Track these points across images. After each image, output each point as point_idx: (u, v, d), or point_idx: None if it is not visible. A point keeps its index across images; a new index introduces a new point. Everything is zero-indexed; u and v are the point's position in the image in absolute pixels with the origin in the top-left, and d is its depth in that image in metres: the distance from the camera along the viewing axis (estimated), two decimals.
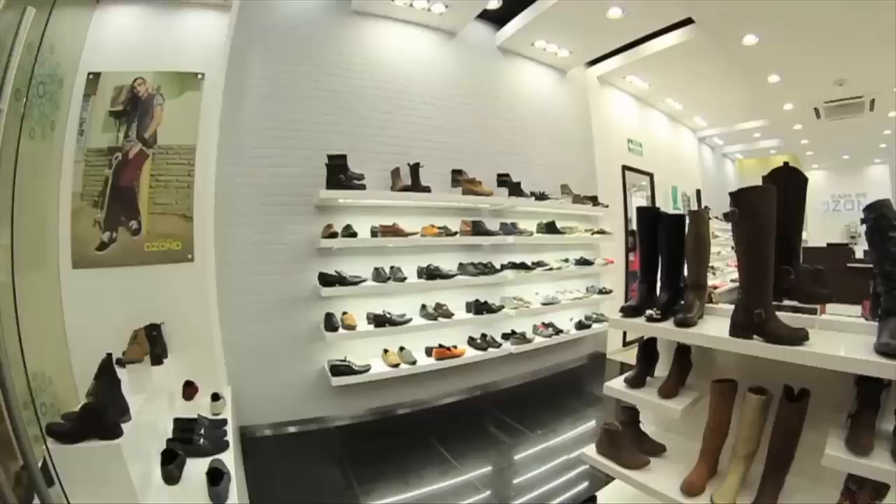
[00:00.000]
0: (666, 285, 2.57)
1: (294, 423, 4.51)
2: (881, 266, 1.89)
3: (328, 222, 4.57)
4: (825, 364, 1.77)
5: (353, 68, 5.07)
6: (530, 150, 6.64)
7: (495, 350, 5.38)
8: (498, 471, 3.96)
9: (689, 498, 2.08)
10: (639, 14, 5.61)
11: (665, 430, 2.71)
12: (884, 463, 1.66)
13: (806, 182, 2.35)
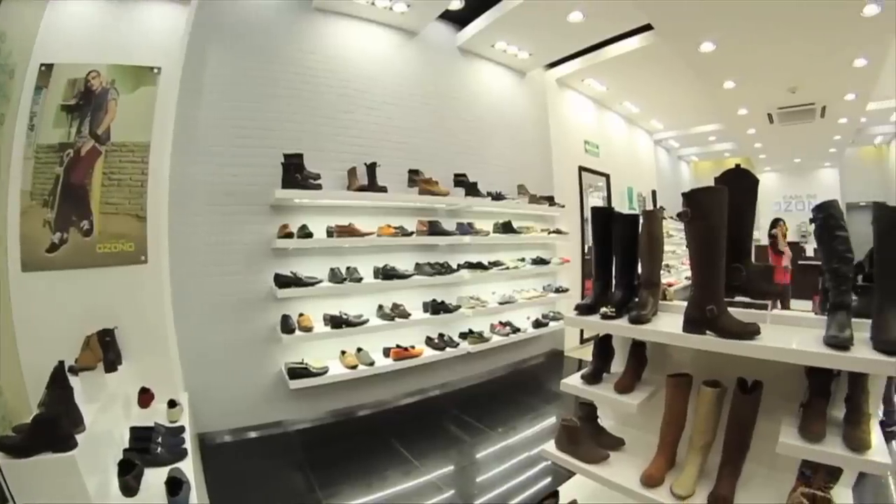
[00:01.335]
0: (620, 283, 2.65)
1: (253, 429, 4.50)
2: (829, 263, 2.02)
3: (284, 222, 4.58)
4: (776, 357, 1.89)
5: (312, 66, 5.09)
6: (488, 150, 6.79)
7: (453, 350, 5.49)
8: (460, 470, 4.06)
9: (649, 490, 2.14)
10: (599, 19, 5.82)
11: (623, 424, 2.78)
12: (836, 448, 1.79)
13: (756, 183, 2.47)
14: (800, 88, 7.93)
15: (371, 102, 5.49)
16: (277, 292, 4.41)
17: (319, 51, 5.15)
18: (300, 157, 4.54)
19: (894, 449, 3.75)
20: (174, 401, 3.59)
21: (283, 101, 4.85)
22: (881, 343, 1.75)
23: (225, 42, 4.57)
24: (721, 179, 2.41)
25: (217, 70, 4.51)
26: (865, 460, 1.73)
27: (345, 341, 4.84)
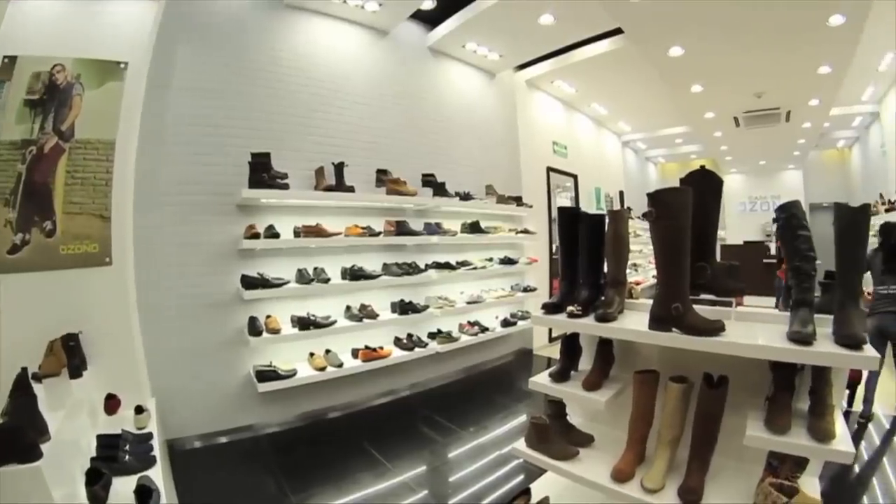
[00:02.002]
0: (587, 282, 2.70)
1: (223, 434, 4.47)
2: (792, 261, 2.12)
3: (250, 222, 4.56)
4: (740, 352, 1.99)
5: (282, 63, 5.09)
6: (457, 150, 6.88)
7: (422, 350, 5.58)
8: (433, 470, 4.10)
9: (620, 484, 2.20)
10: (570, 22, 5.98)
11: (592, 420, 2.85)
12: (801, 439, 1.88)
13: (721, 184, 2.56)
14: (765, 93, 8.29)
15: (340, 101, 5.51)
16: (244, 294, 4.40)
17: (290, 49, 5.16)
18: (267, 157, 4.54)
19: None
20: (141, 407, 3.52)
21: (251, 99, 4.83)
22: (843, 337, 1.86)
23: (194, 38, 4.54)
24: (686, 180, 2.49)
25: (185, 66, 4.47)
26: (830, 450, 1.83)
27: (313, 343, 4.86)
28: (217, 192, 4.53)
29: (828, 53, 6.49)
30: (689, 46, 6.24)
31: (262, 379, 4.39)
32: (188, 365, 4.36)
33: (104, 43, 3.88)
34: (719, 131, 10.97)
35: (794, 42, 6.12)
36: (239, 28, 4.82)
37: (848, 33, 5.79)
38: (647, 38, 6.09)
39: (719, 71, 7.18)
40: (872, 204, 8.77)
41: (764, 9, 5.27)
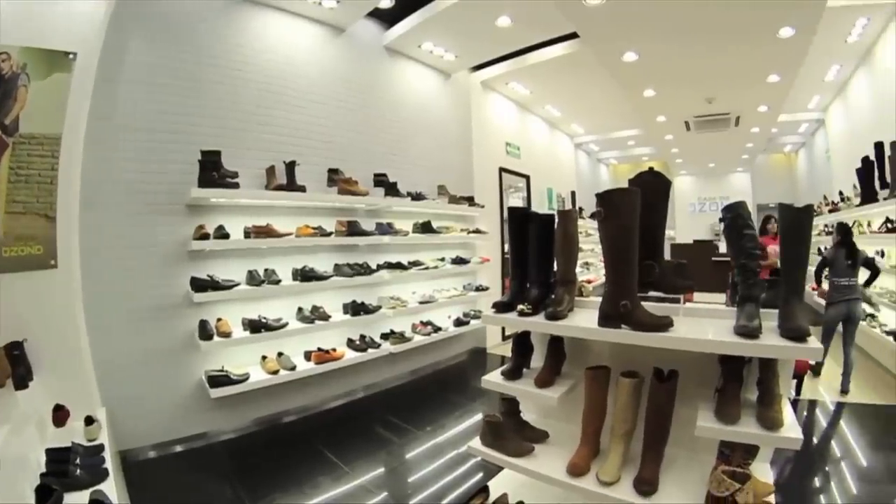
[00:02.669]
0: (537, 281, 2.74)
1: (178, 442, 4.43)
2: (738, 259, 2.24)
3: (200, 223, 4.53)
4: (688, 347, 2.06)
5: (236, 58, 5.07)
6: (410, 150, 6.99)
7: (375, 350, 5.66)
8: (391, 471, 4.18)
9: (576, 478, 2.25)
10: (527, 25, 6.17)
11: (546, 417, 2.90)
12: (751, 428, 1.98)
13: (669, 185, 2.64)
14: (716, 99, 8.73)
15: (294, 99, 5.51)
16: (194, 296, 4.37)
17: (244, 43, 5.13)
18: (218, 155, 4.52)
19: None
20: (91, 417, 3.43)
21: (203, 95, 4.79)
22: (787, 331, 1.97)
23: (147, 29, 4.44)
24: (635, 181, 2.57)
25: (136, 59, 4.37)
26: (779, 437, 1.94)
27: (265, 346, 4.87)
28: (166, 191, 4.46)
29: (777, 63, 6.94)
30: (643, 52, 6.51)
31: (214, 384, 4.37)
32: (139, 372, 4.29)
33: (52, 32, 3.66)
34: (671, 134, 11.45)
35: (745, 51, 6.49)
36: (193, 20, 4.76)
37: (797, 45, 6.20)
38: (603, 42, 6.31)
39: (672, 76, 7.53)
40: (816, 205, 9.51)
41: (717, 19, 5.58)
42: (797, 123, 12.37)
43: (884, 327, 6.51)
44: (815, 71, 8.41)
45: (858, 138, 8.38)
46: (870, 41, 7.38)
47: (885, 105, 7.19)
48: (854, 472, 3.96)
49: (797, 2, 5.14)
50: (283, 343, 4.98)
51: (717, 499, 1.91)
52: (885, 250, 6.94)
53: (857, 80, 8.74)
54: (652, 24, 5.70)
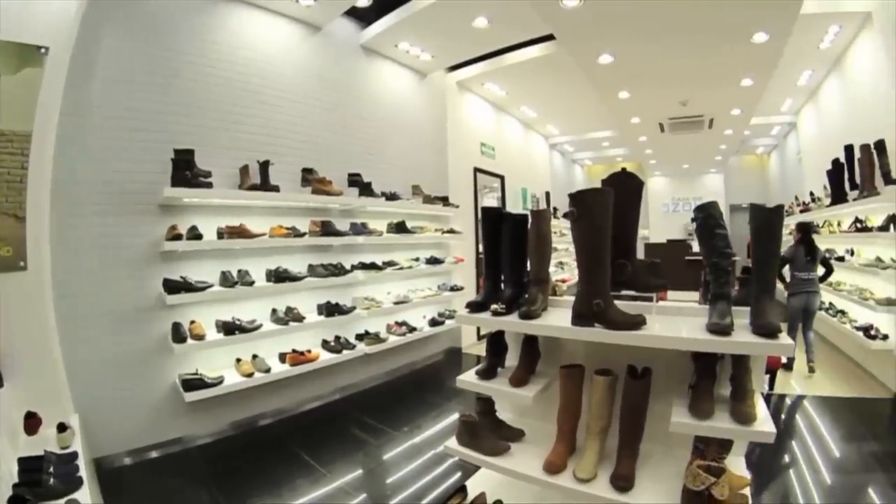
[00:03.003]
0: (510, 281, 2.78)
1: (153, 448, 4.40)
2: (710, 258, 2.30)
3: (173, 223, 4.48)
4: (661, 344, 2.11)
5: (211, 56, 5.03)
6: (384, 150, 7.04)
7: (350, 352, 5.70)
8: (369, 473, 4.21)
9: (552, 476, 2.28)
10: (504, 26, 6.27)
11: (521, 415, 2.93)
12: (724, 423, 2.04)
13: (641, 186, 2.70)
14: (690, 102, 8.93)
15: (269, 97, 5.50)
16: (167, 299, 4.33)
17: (219, 40, 5.11)
18: (191, 154, 4.49)
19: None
20: (64, 424, 3.37)
21: (177, 92, 4.75)
22: (759, 327, 2.04)
23: (122, 24, 4.37)
24: (607, 181, 2.61)
25: (111, 54, 4.29)
26: (752, 431, 2.01)
27: (239, 348, 4.87)
28: (139, 190, 4.41)
29: (751, 68, 7.13)
30: (618, 54, 6.62)
31: (188, 388, 4.34)
32: (112, 376, 4.24)
33: (23, 25, 3.52)
34: (645, 136, 11.66)
35: (719, 55, 6.65)
36: (169, 16, 4.71)
37: (770, 50, 6.38)
38: (579, 44, 6.40)
39: (647, 79, 7.67)
40: (788, 206, 10.14)
41: (692, 23, 5.72)
42: (770, 126, 12.72)
43: (853, 323, 6.82)
44: (787, 75, 8.67)
45: (829, 141, 8.64)
46: (841, 48, 7.63)
47: (856, 110, 7.51)
48: (828, 463, 4.18)
49: (771, 8, 5.30)
50: (257, 345, 4.98)
51: (693, 493, 1.97)
52: (854, 249, 7.34)
53: (828, 85, 9.01)
54: (628, 27, 5.82)
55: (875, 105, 6.60)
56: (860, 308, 6.65)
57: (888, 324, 6.05)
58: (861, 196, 6.52)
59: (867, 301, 6.33)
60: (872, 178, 6.33)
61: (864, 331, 6.30)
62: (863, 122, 7.02)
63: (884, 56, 6.13)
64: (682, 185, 17.91)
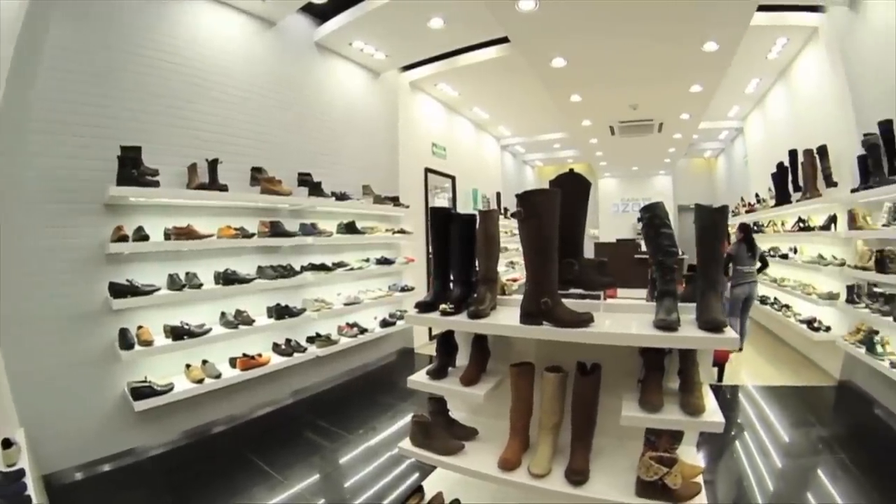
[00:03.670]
0: (459, 280, 2.84)
1: (105, 461, 4.29)
2: (656, 256, 2.40)
3: (118, 224, 4.37)
4: (607, 341, 2.22)
5: (161, 48, 4.93)
6: (335, 149, 7.08)
7: (301, 354, 5.73)
8: (326, 477, 4.24)
9: (508, 473, 2.34)
10: (459, 27, 6.41)
11: (474, 414, 3.00)
12: (674, 415, 2.16)
13: (588, 187, 2.79)
14: (640, 106, 9.26)
15: (219, 94, 5.45)
16: (113, 303, 4.22)
17: (171, 33, 5.02)
18: (138, 151, 4.38)
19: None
20: (9, 440, 3.29)
21: (125, 86, 4.61)
22: (705, 322, 2.16)
23: (71, 13, 4.22)
24: (555, 182, 2.72)
25: (58, 45, 4.14)
26: (702, 422, 2.13)
27: (188, 354, 4.81)
28: (83, 189, 4.25)
29: (701, 75, 7.48)
30: (571, 58, 6.82)
31: (137, 396, 4.27)
32: (58, 387, 4.09)
33: None
34: (595, 138, 11.97)
35: (670, 62, 6.95)
36: (119, 6, 4.57)
37: (720, 59, 6.72)
38: (533, 47, 6.56)
39: (598, 83, 7.92)
40: (734, 206, 11.07)
41: (645, 31, 5.94)
42: (718, 131, 13.36)
43: (798, 316, 7.48)
44: (736, 83, 9.18)
45: (774, 146, 9.23)
46: (788, 59, 8.15)
47: (800, 117, 8.07)
48: (778, 449, 4.57)
49: (722, 19, 5.57)
50: (207, 350, 4.94)
51: (647, 483, 2.08)
52: (797, 247, 8.03)
53: (774, 93, 9.58)
54: (581, 33, 6.00)
55: (818, 113, 7.15)
56: (804, 302, 7.32)
57: (830, 316, 6.68)
58: (804, 197, 7.22)
59: (810, 296, 7.00)
60: (815, 180, 6.94)
61: (808, 323, 6.93)
62: (806, 129, 7.54)
63: (828, 68, 6.65)
64: (632, 186, 18.41)
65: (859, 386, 5.97)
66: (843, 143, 6.29)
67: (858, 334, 5.77)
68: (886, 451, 4.49)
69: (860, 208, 5.79)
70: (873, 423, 5.15)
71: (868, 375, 5.67)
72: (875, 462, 4.18)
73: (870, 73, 5.82)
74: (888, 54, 5.32)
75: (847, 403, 5.83)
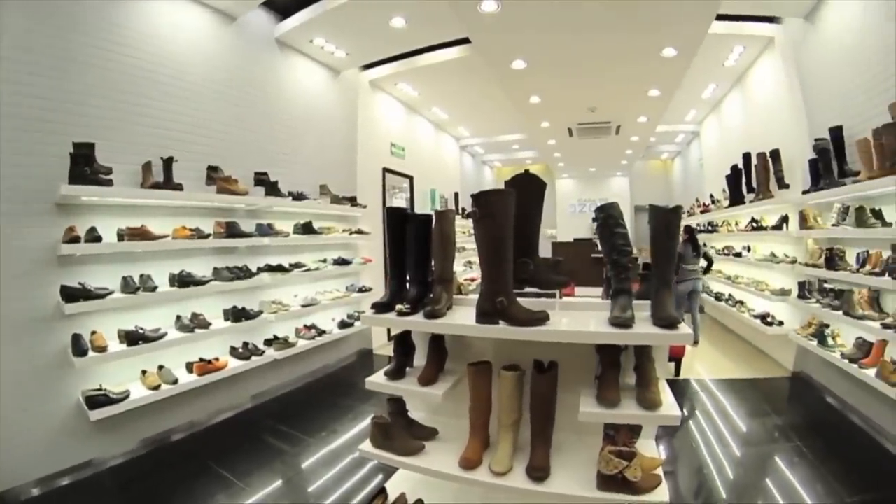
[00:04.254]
0: (415, 280, 2.89)
1: (62, 475, 4.15)
2: (610, 256, 2.49)
3: (70, 224, 4.23)
4: (563, 338, 2.30)
5: (118, 40, 4.79)
6: (294, 148, 7.07)
7: (259, 358, 5.70)
8: (288, 482, 4.23)
9: (469, 472, 2.40)
10: (421, 27, 6.50)
11: (434, 414, 3.05)
12: (632, 409, 2.25)
13: (544, 187, 2.84)
14: (598, 108, 9.51)
15: (177, 89, 5.35)
16: (66, 307, 4.08)
17: (128, 24, 4.88)
18: (91, 148, 4.27)
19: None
20: None
21: (80, 80, 4.47)
22: (659, 319, 2.26)
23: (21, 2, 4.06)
24: (510, 183, 2.78)
25: (7, 34, 3.98)
26: (659, 415, 2.23)
27: (144, 359, 4.71)
28: (34, 187, 4.10)
29: (658, 79, 7.71)
30: (531, 61, 6.95)
31: (92, 405, 4.15)
32: (9, 397, 3.95)
33: None
34: (554, 140, 12.21)
35: (629, 67, 7.16)
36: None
37: (678, 65, 6.96)
38: (494, 49, 6.66)
39: (557, 85, 8.09)
40: (690, 207, 11.77)
41: (605, 36, 6.12)
42: (674, 134, 13.80)
43: (751, 312, 7.94)
44: (693, 88, 9.57)
45: (729, 149, 9.67)
46: (744, 66, 8.56)
47: (754, 122, 8.48)
48: (736, 438, 4.87)
49: (681, 26, 5.78)
50: (163, 355, 4.85)
51: (608, 477, 2.17)
52: (750, 246, 8.50)
53: (730, 98, 10.04)
54: (542, 35, 6.11)
55: (772, 118, 7.56)
56: (757, 298, 7.81)
57: (783, 311, 7.13)
58: (757, 198, 7.69)
59: (763, 292, 7.46)
60: (767, 182, 7.38)
61: (762, 318, 7.36)
62: (760, 133, 7.95)
63: (783, 76, 7.03)
64: (589, 186, 18.83)
65: (811, 376, 6.39)
66: (795, 147, 6.70)
67: (810, 328, 6.15)
68: (839, 437, 4.84)
69: (811, 209, 6.20)
70: (826, 411, 5.54)
71: (820, 366, 6.06)
72: (829, 448, 4.51)
73: (822, 81, 6.21)
74: (840, 64, 5.72)
75: (800, 393, 6.21)
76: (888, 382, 4.33)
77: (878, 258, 4.85)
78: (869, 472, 4.08)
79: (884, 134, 4.57)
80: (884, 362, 4.52)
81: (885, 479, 3.95)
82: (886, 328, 4.46)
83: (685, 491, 3.93)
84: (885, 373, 4.40)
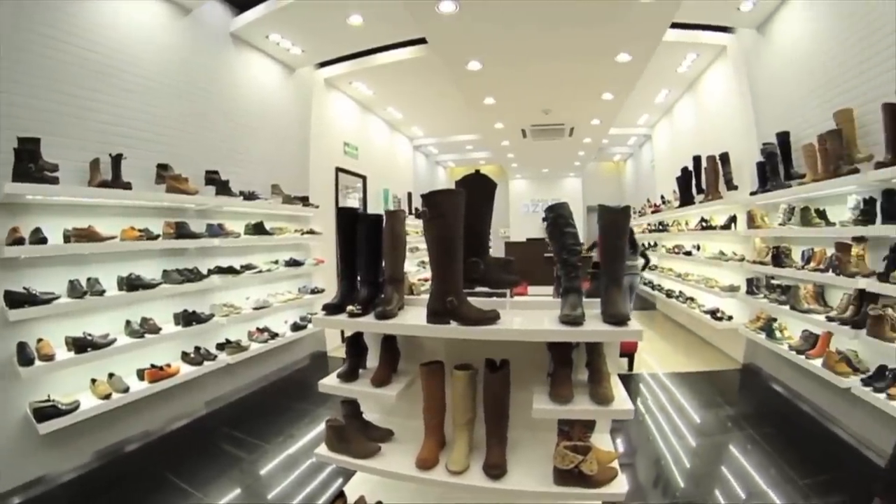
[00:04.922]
0: (366, 281, 2.90)
1: (12, 493, 3.94)
2: (560, 255, 2.56)
3: (14, 224, 4.00)
4: (513, 337, 2.38)
5: (65, 29, 4.57)
6: (247, 147, 6.99)
7: (211, 363, 5.61)
8: (247, 490, 4.15)
9: (426, 472, 2.44)
10: (378, 25, 6.55)
11: (389, 415, 3.09)
12: (585, 405, 2.32)
13: (494, 187, 2.88)
14: (552, 111, 9.73)
15: (127, 83, 5.17)
16: (9, 314, 3.85)
17: (77, 13, 4.66)
18: (37, 143, 4.08)
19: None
20: None
21: (24, 69, 4.23)
22: (609, 317, 2.34)
23: None
24: (461, 183, 2.79)
25: None
26: (612, 410, 2.32)
27: (93, 367, 4.51)
28: None
29: (612, 83, 7.97)
30: (487, 62, 7.07)
31: (41, 418, 3.95)
32: None
33: None
34: (508, 141, 12.42)
35: (584, 70, 7.37)
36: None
37: (632, 70, 7.23)
38: (449, 49, 6.75)
39: (512, 87, 8.25)
40: (641, 207, 12.32)
41: (561, 39, 6.27)
42: (627, 136, 14.20)
43: (702, 308, 8.34)
44: (646, 93, 9.87)
45: (680, 152, 10.07)
46: (697, 73, 8.92)
47: (705, 126, 8.87)
48: (691, 429, 5.09)
49: (636, 33, 5.99)
50: (112, 362, 4.69)
51: (564, 472, 2.24)
52: (700, 244, 8.92)
53: (682, 103, 10.44)
54: (497, 38, 6.23)
55: (722, 123, 7.94)
56: (707, 294, 8.21)
57: (732, 307, 7.49)
58: (706, 199, 8.04)
59: (713, 288, 7.86)
60: (717, 184, 7.72)
61: (712, 314, 7.70)
62: (710, 137, 8.35)
63: (734, 84, 7.39)
64: (542, 187, 19.18)
65: (761, 368, 6.74)
66: (743, 151, 7.06)
67: (758, 322, 6.46)
68: (789, 423, 5.14)
69: (758, 209, 6.57)
70: (776, 400, 5.89)
71: (769, 358, 6.42)
72: (780, 434, 4.78)
73: (771, 89, 6.54)
74: (788, 74, 6.06)
75: (751, 384, 6.57)
76: (834, 371, 4.61)
77: (823, 255, 5.16)
78: (819, 455, 4.35)
79: (828, 139, 4.89)
80: (829, 353, 4.83)
81: (834, 462, 4.24)
82: (831, 321, 4.70)
83: (644, 482, 4.07)
84: (831, 362, 4.68)
